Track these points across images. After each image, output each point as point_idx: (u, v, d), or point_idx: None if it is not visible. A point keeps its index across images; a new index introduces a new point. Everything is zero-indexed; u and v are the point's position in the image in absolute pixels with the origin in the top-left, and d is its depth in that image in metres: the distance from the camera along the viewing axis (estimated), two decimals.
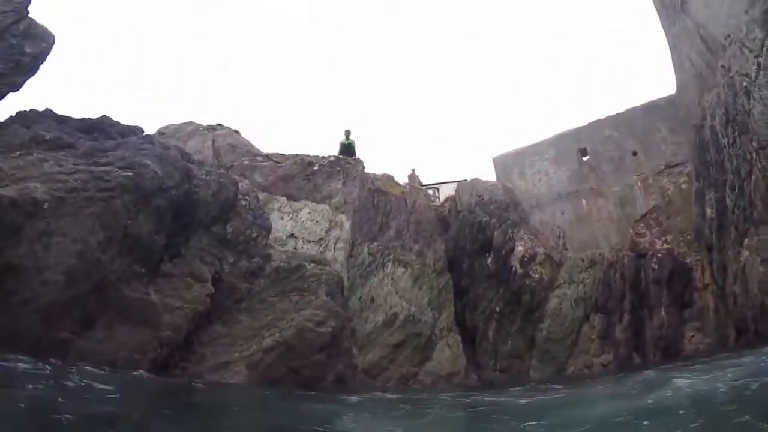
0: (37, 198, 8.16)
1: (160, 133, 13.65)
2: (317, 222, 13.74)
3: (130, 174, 9.30)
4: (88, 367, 7.67)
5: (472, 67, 76.12)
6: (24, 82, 9.51)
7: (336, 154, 16.18)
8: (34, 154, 9.06)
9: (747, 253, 10.07)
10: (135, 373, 8.41)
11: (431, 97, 78.28)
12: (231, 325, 11.07)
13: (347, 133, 17.44)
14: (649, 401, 7.76)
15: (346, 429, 8.51)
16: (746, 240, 10.13)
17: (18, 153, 8.95)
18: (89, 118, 10.58)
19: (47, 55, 9.86)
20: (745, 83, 9.23)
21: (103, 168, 9.09)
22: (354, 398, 10.70)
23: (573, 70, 70.41)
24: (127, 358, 8.77)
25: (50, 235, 8.22)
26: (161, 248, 10.02)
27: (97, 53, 74.53)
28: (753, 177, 9.53)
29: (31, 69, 9.51)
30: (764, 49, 8.24)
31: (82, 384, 6.91)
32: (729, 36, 9.65)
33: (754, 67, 8.77)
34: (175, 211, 10.24)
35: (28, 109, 9.99)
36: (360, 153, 17.03)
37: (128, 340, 8.91)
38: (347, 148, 16.95)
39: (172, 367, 9.65)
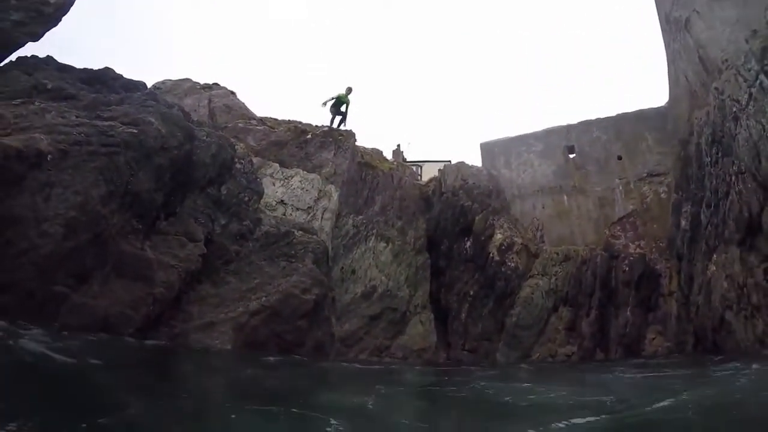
0: (42, 149, 8.09)
1: (156, 88, 13.39)
2: (307, 191, 13.88)
3: (135, 131, 9.27)
4: None
5: (467, 52, 75.78)
6: (44, 33, 9.25)
7: (328, 102, 15.97)
8: (36, 103, 8.90)
9: (714, 268, 10.68)
10: None
11: (422, 76, 77.88)
12: (219, 285, 11.27)
13: (348, 90, 16.79)
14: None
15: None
16: (715, 256, 10.73)
17: (20, 101, 8.77)
18: (91, 69, 10.36)
19: (70, 6, 9.56)
20: (735, 109, 9.69)
21: (106, 123, 9.01)
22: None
23: (566, 68, 70.96)
24: (121, 315, 8.88)
25: (52, 187, 8.20)
26: (159, 206, 10.08)
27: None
28: (729, 198, 10.04)
29: (52, 19, 9.23)
30: (758, 81, 8.69)
31: None
32: (726, 61, 10.09)
33: (746, 96, 9.22)
34: (174, 170, 10.26)
35: (29, 55, 9.70)
36: (349, 117, 16.71)
37: (123, 296, 9.01)
38: (340, 103, 16.47)
39: (161, 324, 9.83)
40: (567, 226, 15.17)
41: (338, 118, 16.63)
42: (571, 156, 15.91)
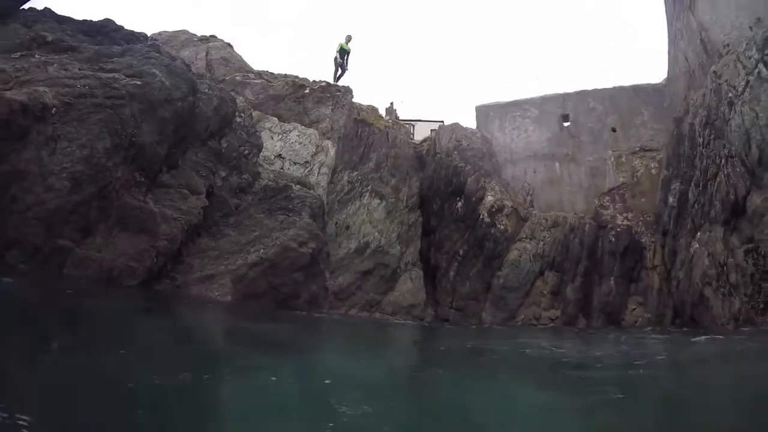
0: (47, 103, 8.05)
1: (153, 40, 12.99)
2: (305, 145, 13.92)
3: (139, 83, 9.21)
4: None
5: (465, 11, 73.27)
6: None
7: (336, 56, 17.00)
8: (37, 56, 8.73)
9: (697, 246, 11.12)
10: None
11: (416, 34, 75.53)
12: (219, 238, 11.48)
13: (348, 38, 17.44)
14: None
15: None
16: (699, 233, 11.15)
17: (19, 54, 8.58)
18: (91, 21, 10.14)
19: None
20: (731, 94, 9.85)
21: (110, 74, 8.92)
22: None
23: (563, 37, 69.25)
24: (125, 267, 9.08)
25: (57, 140, 8.23)
26: (161, 159, 10.13)
27: None
28: (717, 179, 10.37)
29: None
30: (756, 70, 8.86)
31: None
32: (728, 46, 10.18)
33: (743, 83, 9.39)
34: (177, 122, 10.25)
35: (26, 8, 9.40)
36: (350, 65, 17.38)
37: (127, 248, 9.19)
38: (344, 53, 17.26)
39: (163, 276, 10.06)
40: (557, 193, 15.48)
41: (340, 70, 17.08)
42: (566, 124, 16.05)
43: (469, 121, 18.04)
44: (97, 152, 8.59)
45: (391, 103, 20.85)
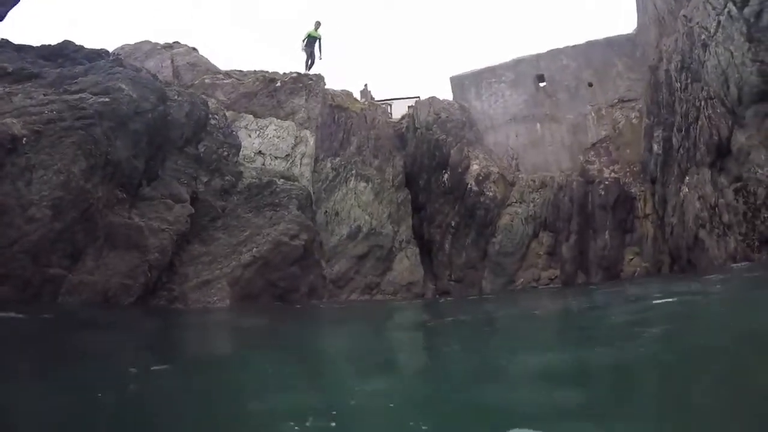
0: (16, 134, 7.97)
1: (116, 55, 12.76)
2: (283, 138, 13.86)
3: (107, 99, 9.13)
4: None
5: None
6: (6, 13, 8.70)
7: (302, 44, 16.62)
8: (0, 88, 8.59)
9: (686, 190, 11.12)
10: None
11: (382, 12, 74.12)
12: (209, 243, 11.50)
13: (317, 24, 17.00)
14: None
15: None
16: (687, 178, 11.14)
17: None
18: (50, 45, 9.98)
19: None
20: (703, 36, 9.79)
21: (76, 96, 8.84)
22: None
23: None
24: (120, 286, 9.10)
25: (32, 170, 8.17)
26: (140, 172, 10.09)
27: None
28: (699, 123, 10.34)
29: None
30: (726, 10, 8.74)
31: None
32: None
33: (714, 24, 9.30)
34: (150, 133, 10.18)
35: None
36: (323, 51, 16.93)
37: (119, 267, 9.21)
38: (313, 40, 16.77)
39: (159, 289, 10.10)
40: (541, 153, 15.47)
41: (313, 58, 16.67)
42: (542, 84, 15.95)
43: (446, 94, 17.95)
44: (74, 176, 8.54)
45: (365, 85, 20.72)
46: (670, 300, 8.29)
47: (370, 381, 5.08)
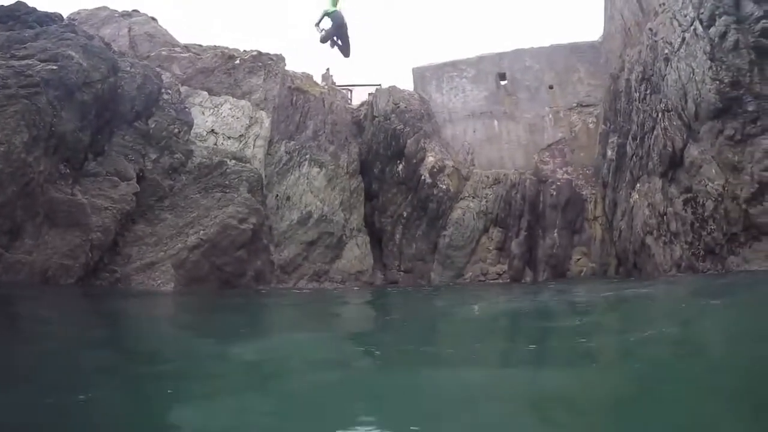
0: None
1: (71, 20, 11.90)
2: (238, 118, 13.49)
3: (54, 67, 8.65)
4: None
5: None
6: None
7: (323, 29, 11.08)
8: None
9: (636, 196, 11.54)
10: None
11: None
12: (155, 223, 11.19)
13: None
14: None
15: None
16: (638, 185, 11.55)
17: None
18: (1, 5, 9.18)
19: None
20: (666, 50, 10.16)
21: (23, 62, 8.31)
22: None
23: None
24: (60, 266, 8.75)
25: None
26: (86, 146, 9.67)
27: None
28: (655, 133, 10.72)
29: None
30: (692, 27, 9.10)
31: None
32: (663, 5, 10.44)
33: (679, 40, 9.66)
34: (99, 106, 9.75)
35: None
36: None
37: (59, 246, 8.85)
38: (337, 18, 11.16)
39: (101, 270, 9.76)
40: (497, 150, 15.75)
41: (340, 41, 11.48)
42: (503, 83, 16.19)
43: (407, 84, 17.91)
44: (15, 147, 8.09)
45: (327, 70, 20.29)
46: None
47: None
